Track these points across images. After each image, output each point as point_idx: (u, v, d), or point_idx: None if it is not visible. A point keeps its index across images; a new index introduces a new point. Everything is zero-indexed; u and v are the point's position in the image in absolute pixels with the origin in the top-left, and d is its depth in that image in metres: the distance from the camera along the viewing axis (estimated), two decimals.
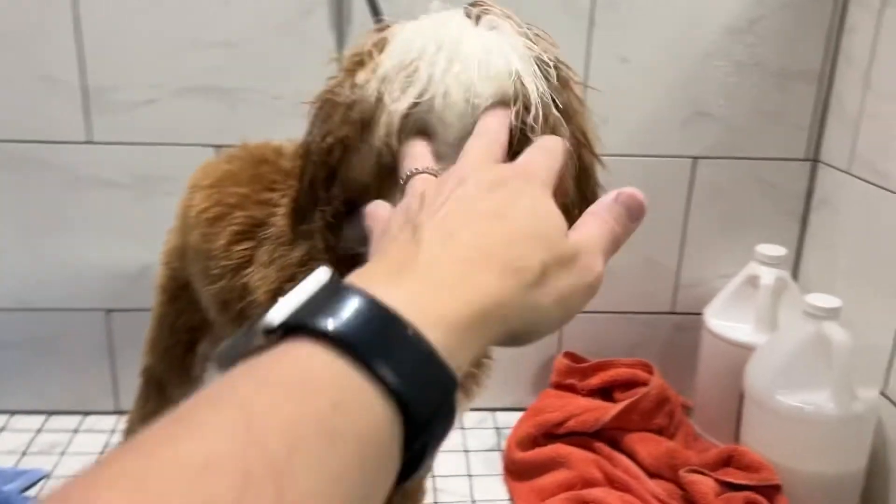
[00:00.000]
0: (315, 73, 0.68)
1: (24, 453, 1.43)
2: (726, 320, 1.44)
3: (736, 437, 1.38)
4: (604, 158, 0.65)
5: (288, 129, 0.78)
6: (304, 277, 0.35)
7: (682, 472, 1.29)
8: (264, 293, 0.86)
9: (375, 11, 1.24)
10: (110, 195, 1.42)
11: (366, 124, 0.61)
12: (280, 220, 0.85)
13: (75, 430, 1.50)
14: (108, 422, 1.52)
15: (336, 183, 0.68)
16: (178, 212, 1.05)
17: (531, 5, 1.33)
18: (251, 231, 0.91)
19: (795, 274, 1.54)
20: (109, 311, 1.49)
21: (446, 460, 1.45)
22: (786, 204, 1.52)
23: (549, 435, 1.42)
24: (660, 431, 1.43)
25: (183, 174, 1.04)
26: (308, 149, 0.69)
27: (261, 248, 0.88)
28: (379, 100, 0.59)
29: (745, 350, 1.37)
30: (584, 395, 1.50)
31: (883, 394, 1.27)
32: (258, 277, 0.88)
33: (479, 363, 0.76)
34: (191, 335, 1.12)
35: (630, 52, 1.41)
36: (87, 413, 1.54)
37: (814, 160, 1.49)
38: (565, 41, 0.64)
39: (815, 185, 1.50)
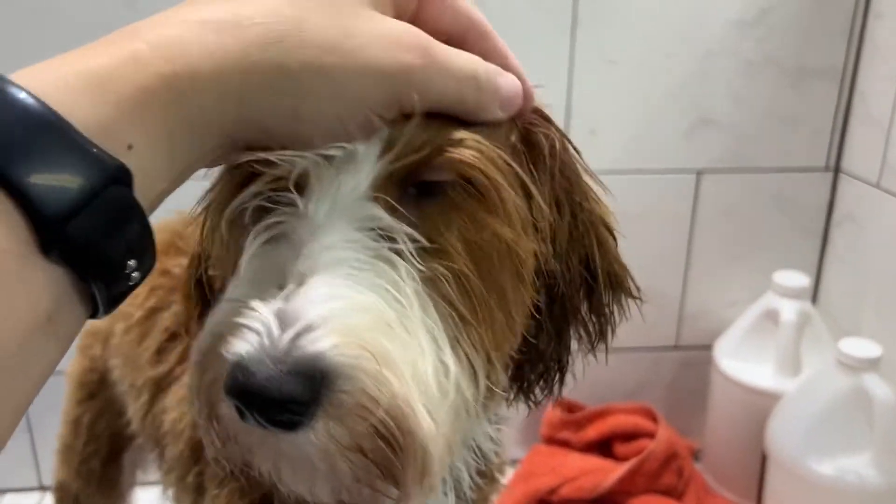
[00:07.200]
0: None
1: None
2: (742, 361, 1.25)
3: (758, 499, 1.20)
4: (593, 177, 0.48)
5: None
6: None
7: None
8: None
9: None
10: None
11: None
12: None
13: None
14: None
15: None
16: None
17: (506, 3, 1.13)
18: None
19: (814, 301, 1.35)
20: None
21: None
22: (804, 221, 1.32)
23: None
24: (668, 492, 1.24)
25: None
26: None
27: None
28: None
29: (766, 397, 1.19)
30: (579, 451, 1.31)
31: None
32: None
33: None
34: (113, 444, 0.91)
35: (618, 54, 1.21)
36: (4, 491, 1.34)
37: (835, 170, 1.29)
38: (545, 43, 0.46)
39: (836, 199, 1.30)
